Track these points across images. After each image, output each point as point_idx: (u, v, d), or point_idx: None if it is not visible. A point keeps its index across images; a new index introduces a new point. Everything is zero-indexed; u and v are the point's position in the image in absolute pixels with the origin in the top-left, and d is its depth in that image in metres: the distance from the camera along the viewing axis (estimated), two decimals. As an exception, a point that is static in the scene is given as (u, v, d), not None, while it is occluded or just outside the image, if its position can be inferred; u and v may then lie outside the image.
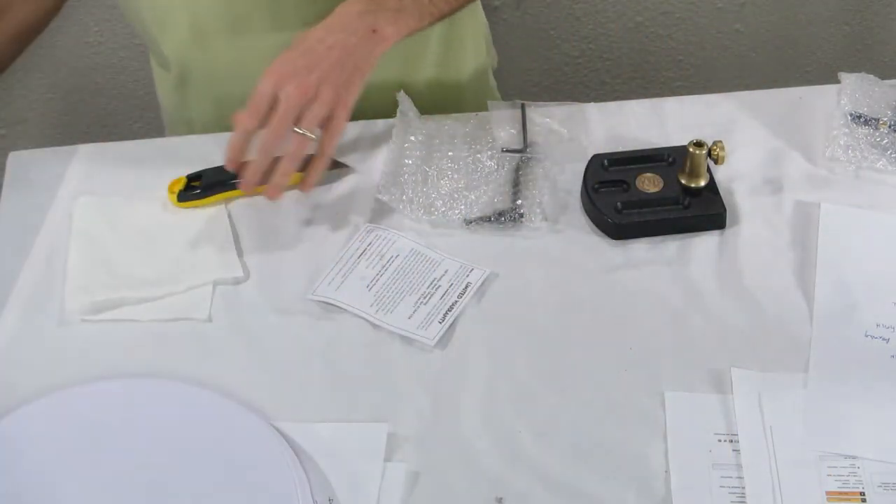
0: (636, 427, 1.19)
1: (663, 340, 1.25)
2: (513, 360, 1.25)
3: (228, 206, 1.39)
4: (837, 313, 1.26)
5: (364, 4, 1.35)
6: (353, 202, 1.39)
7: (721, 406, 1.19)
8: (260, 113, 1.29)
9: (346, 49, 1.32)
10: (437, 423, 1.20)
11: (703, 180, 1.36)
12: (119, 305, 1.30)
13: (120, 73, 2.50)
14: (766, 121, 1.46)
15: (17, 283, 1.32)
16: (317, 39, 1.33)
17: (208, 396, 1.20)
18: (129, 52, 2.48)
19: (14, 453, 1.16)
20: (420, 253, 1.33)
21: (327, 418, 1.20)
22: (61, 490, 1.14)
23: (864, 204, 1.36)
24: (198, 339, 1.27)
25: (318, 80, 1.30)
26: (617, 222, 1.34)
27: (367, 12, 1.35)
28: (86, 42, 2.47)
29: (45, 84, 2.51)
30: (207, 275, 1.32)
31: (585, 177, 1.38)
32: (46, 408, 1.19)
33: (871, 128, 1.41)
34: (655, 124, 1.46)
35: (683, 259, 1.33)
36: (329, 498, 1.14)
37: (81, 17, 2.45)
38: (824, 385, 1.20)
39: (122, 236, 1.35)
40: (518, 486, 1.15)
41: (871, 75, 1.47)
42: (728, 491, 1.14)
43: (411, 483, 1.15)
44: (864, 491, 1.13)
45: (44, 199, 1.40)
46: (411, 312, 1.28)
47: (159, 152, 1.47)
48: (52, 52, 2.48)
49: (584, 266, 1.32)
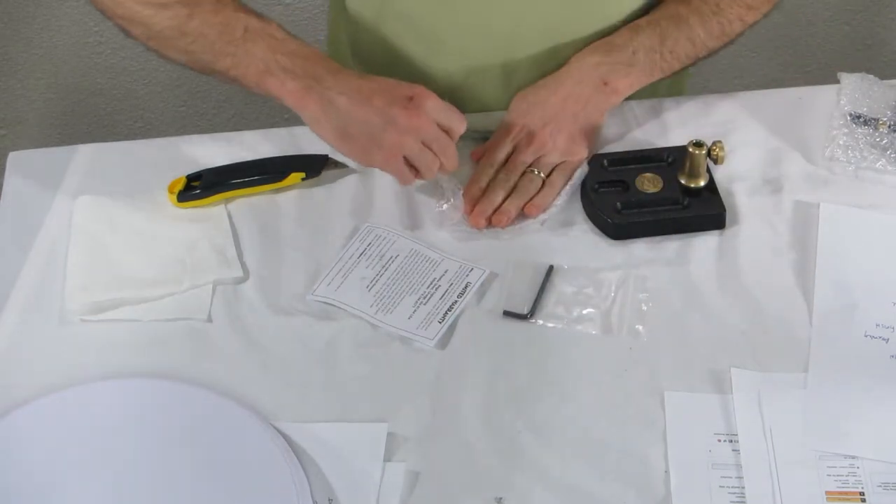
0: (636, 427, 1.19)
1: (663, 340, 1.25)
2: (513, 360, 1.25)
3: (228, 206, 1.39)
4: (837, 313, 1.26)
5: (600, 56, 1.39)
6: (354, 202, 1.39)
7: (721, 406, 1.19)
8: (497, 164, 1.37)
9: (579, 101, 1.37)
10: (437, 423, 1.20)
11: (702, 180, 1.36)
12: (119, 305, 1.30)
13: (120, 74, 2.50)
14: (766, 121, 1.46)
15: (17, 283, 1.32)
16: (550, 91, 1.39)
17: (208, 396, 1.20)
18: (129, 52, 2.48)
19: (14, 453, 1.16)
20: (420, 253, 1.33)
21: (327, 418, 1.20)
22: (61, 490, 1.14)
23: (864, 204, 1.36)
24: (198, 339, 1.27)
25: (552, 131, 1.37)
26: (617, 222, 1.34)
27: (602, 64, 1.39)
28: (86, 42, 2.48)
29: (45, 84, 2.51)
30: (207, 275, 1.32)
31: (585, 177, 1.38)
32: (46, 408, 1.19)
33: (871, 128, 1.41)
34: (655, 124, 1.46)
35: (683, 259, 1.33)
36: (329, 498, 1.14)
37: (81, 17, 2.46)
38: (824, 385, 1.20)
39: (122, 236, 1.35)
40: (518, 486, 1.15)
41: (871, 75, 1.47)
42: (728, 491, 1.14)
43: (411, 483, 1.15)
44: (863, 491, 1.13)
45: (44, 199, 1.40)
46: (411, 312, 1.28)
47: (159, 152, 1.46)
48: (52, 52, 2.48)
49: (585, 266, 1.32)
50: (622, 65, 1.39)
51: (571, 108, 1.38)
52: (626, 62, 1.39)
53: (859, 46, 2.51)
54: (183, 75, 2.50)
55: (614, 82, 1.39)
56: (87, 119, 2.53)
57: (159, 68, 2.50)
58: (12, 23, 2.47)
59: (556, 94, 1.38)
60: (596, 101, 1.39)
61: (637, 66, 1.39)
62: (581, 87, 1.38)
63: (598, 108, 1.39)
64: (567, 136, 1.37)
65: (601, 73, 1.38)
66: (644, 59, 1.39)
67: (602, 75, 1.38)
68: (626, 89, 1.40)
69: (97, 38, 2.47)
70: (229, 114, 2.52)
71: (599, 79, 1.38)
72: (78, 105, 2.52)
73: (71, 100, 2.51)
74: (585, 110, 1.38)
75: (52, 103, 2.51)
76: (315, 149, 1.43)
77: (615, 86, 1.39)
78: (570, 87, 1.38)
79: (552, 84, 1.39)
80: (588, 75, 1.39)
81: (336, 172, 1.40)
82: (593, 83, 1.38)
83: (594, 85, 1.38)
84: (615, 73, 1.39)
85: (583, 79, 1.39)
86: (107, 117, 2.53)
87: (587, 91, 1.38)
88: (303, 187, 1.40)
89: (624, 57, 1.39)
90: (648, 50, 1.39)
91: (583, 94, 1.38)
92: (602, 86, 1.38)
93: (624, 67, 1.39)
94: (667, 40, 1.40)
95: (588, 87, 1.38)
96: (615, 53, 1.39)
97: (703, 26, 1.41)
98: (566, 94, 1.38)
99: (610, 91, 1.39)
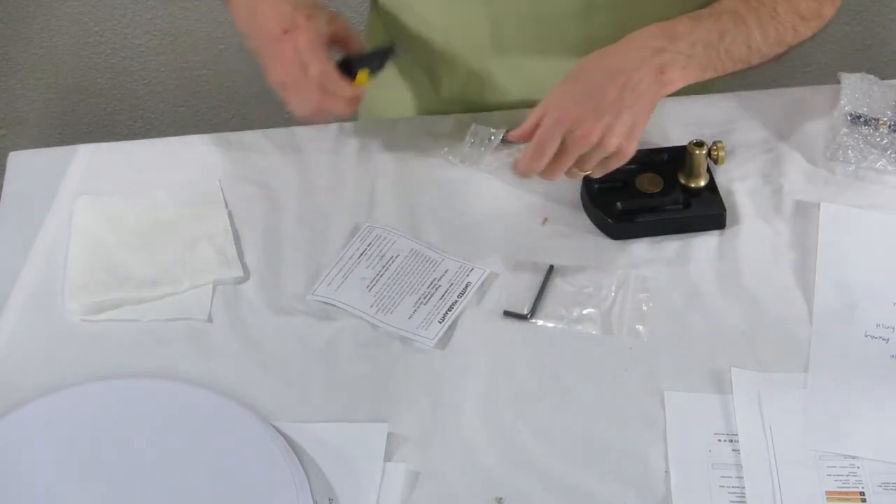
0: (636, 427, 1.19)
1: (663, 340, 1.25)
2: (513, 360, 1.25)
3: (228, 206, 1.39)
4: (837, 313, 1.26)
5: (660, 40, 1.29)
6: (354, 202, 1.39)
7: (721, 406, 1.20)
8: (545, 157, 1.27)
9: (636, 91, 1.27)
10: (437, 423, 1.20)
11: (703, 180, 1.36)
12: (119, 305, 1.30)
13: (120, 74, 2.50)
14: (766, 121, 1.46)
15: (17, 283, 1.32)
16: (606, 72, 1.28)
17: (208, 396, 1.20)
18: (129, 52, 2.48)
19: (14, 453, 1.16)
20: (420, 253, 1.33)
21: (327, 418, 1.20)
22: (61, 490, 1.13)
23: (864, 204, 1.36)
24: (198, 339, 1.27)
25: (604, 128, 1.26)
26: (617, 222, 1.34)
27: (661, 50, 1.28)
28: (86, 42, 2.48)
29: (45, 84, 2.51)
30: (207, 275, 1.32)
31: (585, 177, 1.38)
32: (46, 408, 1.19)
33: (871, 128, 1.41)
34: (655, 124, 1.45)
35: (683, 259, 1.33)
36: (329, 498, 1.14)
37: (81, 17, 2.46)
38: (824, 385, 1.20)
39: (122, 236, 1.35)
40: (518, 486, 1.15)
41: (871, 75, 1.47)
42: (728, 491, 1.14)
43: (411, 483, 1.15)
44: (863, 491, 1.13)
45: (44, 199, 1.40)
46: (411, 312, 1.28)
47: (159, 152, 1.46)
48: (52, 52, 2.48)
49: (585, 266, 1.32)
50: (682, 55, 1.29)
51: (629, 100, 1.27)
52: (687, 53, 1.30)
53: (859, 46, 2.51)
54: (183, 75, 2.50)
55: (671, 73, 1.29)
56: (87, 119, 2.53)
57: (159, 68, 2.50)
58: (12, 23, 2.47)
59: (614, 83, 1.27)
60: (652, 92, 1.29)
61: (695, 60, 1.30)
62: (640, 73, 1.28)
63: (653, 98, 1.29)
64: (618, 137, 1.27)
65: (663, 60, 1.28)
66: (702, 53, 1.30)
67: (662, 63, 1.29)
68: (680, 82, 1.30)
69: (97, 38, 2.47)
70: (229, 114, 2.52)
71: (659, 66, 1.28)
72: (78, 105, 2.52)
73: (71, 100, 2.51)
74: (642, 101, 1.27)
75: (52, 103, 2.52)
76: (315, 148, 1.44)
77: (671, 76, 1.29)
78: (629, 74, 1.27)
79: (608, 68, 1.28)
80: (648, 61, 1.28)
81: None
82: (652, 70, 1.28)
83: (653, 73, 1.28)
84: (675, 63, 1.29)
85: (642, 65, 1.28)
86: (107, 117, 2.53)
87: (646, 79, 1.28)
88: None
89: (685, 47, 1.30)
90: (707, 45, 1.31)
91: (640, 83, 1.28)
92: (659, 74, 1.28)
93: (684, 58, 1.29)
94: (725, 37, 1.32)
95: (647, 74, 1.28)
96: (678, 42, 1.29)
97: (760, 29, 1.34)
98: (624, 82, 1.27)
99: (666, 81, 1.29)
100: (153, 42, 2.48)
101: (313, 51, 1.30)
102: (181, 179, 1.42)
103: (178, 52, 2.49)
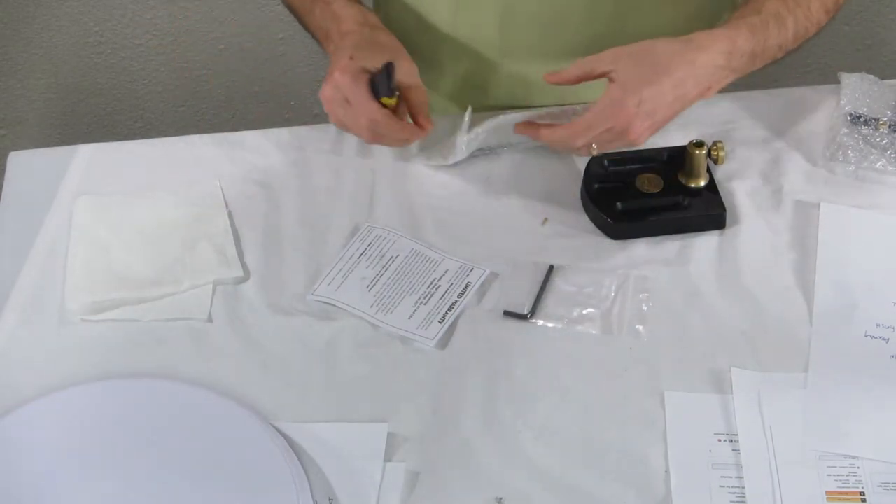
0: (636, 427, 1.19)
1: (663, 340, 1.25)
2: (513, 360, 1.25)
3: (228, 206, 1.39)
4: (837, 313, 1.26)
5: (724, 59, 1.31)
6: (354, 202, 1.39)
7: (721, 406, 1.20)
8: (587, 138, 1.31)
9: (683, 100, 1.30)
10: (437, 423, 1.20)
11: (703, 180, 1.36)
12: (119, 305, 1.30)
13: (120, 74, 2.50)
14: (766, 121, 1.46)
15: (17, 283, 1.32)
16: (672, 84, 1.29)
17: (208, 396, 1.20)
18: (129, 52, 2.48)
19: (14, 453, 1.16)
20: (420, 253, 1.33)
21: (327, 418, 1.20)
22: (61, 490, 1.13)
23: (864, 204, 1.37)
24: (198, 339, 1.27)
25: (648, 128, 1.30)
26: (617, 222, 1.34)
27: (721, 68, 1.31)
28: (86, 42, 2.48)
29: (45, 84, 2.51)
30: (207, 275, 1.32)
31: (585, 177, 1.38)
32: (46, 408, 1.19)
33: (871, 128, 1.41)
34: (655, 124, 1.46)
35: (683, 259, 1.33)
36: (329, 498, 1.14)
37: (81, 17, 2.45)
38: (824, 385, 1.20)
39: (122, 236, 1.35)
40: (518, 486, 1.15)
41: (871, 75, 1.47)
42: (728, 491, 1.14)
43: (411, 483, 1.15)
44: (863, 491, 1.13)
45: (44, 199, 1.40)
46: (411, 312, 1.28)
47: (159, 152, 1.46)
48: (52, 52, 2.48)
49: (585, 266, 1.32)
50: (731, 71, 1.32)
51: (675, 106, 1.31)
52: (736, 69, 1.32)
53: (859, 46, 2.51)
54: (183, 75, 2.50)
55: (715, 87, 1.32)
56: (87, 119, 2.53)
57: (159, 68, 2.50)
58: (12, 23, 2.47)
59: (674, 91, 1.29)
60: (691, 102, 1.32)
61: (737, 72, 1.33)
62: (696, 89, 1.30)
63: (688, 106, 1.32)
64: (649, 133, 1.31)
65: (716, 79, 1.31)
66: (746, 65, 1.33)
67: (713, 81, 1.31)
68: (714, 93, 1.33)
69: (97, 38, 2.47)
70: (229, 114, 2.52)
71: (709, 83, 1.31)
72: (78, 105, 2.52)
73: (71, 100, 2.51)
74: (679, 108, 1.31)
75: (52, 103, 2.51)
76: (314, 148, 1.44)
77: (714, 90, 1.32)
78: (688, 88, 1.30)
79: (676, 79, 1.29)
80: (705, 79, 1.31)
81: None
82: (702, 87, 1.31)
83: (702, 88, 1.31)
84: (723, 80, 1.32)
85: (700, 81, 1.30)
86: (107, 117, 2.53)
87: (693, 92, 1.31)
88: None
89: (738, 63, 1.32)
90: (752, 56, 1.33)
91: (688, 95, 1.30)
92: (706, 90, 1.32)
93: (731, 74, 1.32)
94: (767, 44, 1.34)
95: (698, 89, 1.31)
96: (735, 59, 1.31)
97: (794, 29, 1.36)
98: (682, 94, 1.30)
99: (706, 94, 1.32)
100: (153, 42, 2.48)
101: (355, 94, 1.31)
102: (181, 179, 1.42)
103: (178, 52, 2.49)
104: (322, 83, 1.34)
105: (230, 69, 2.49)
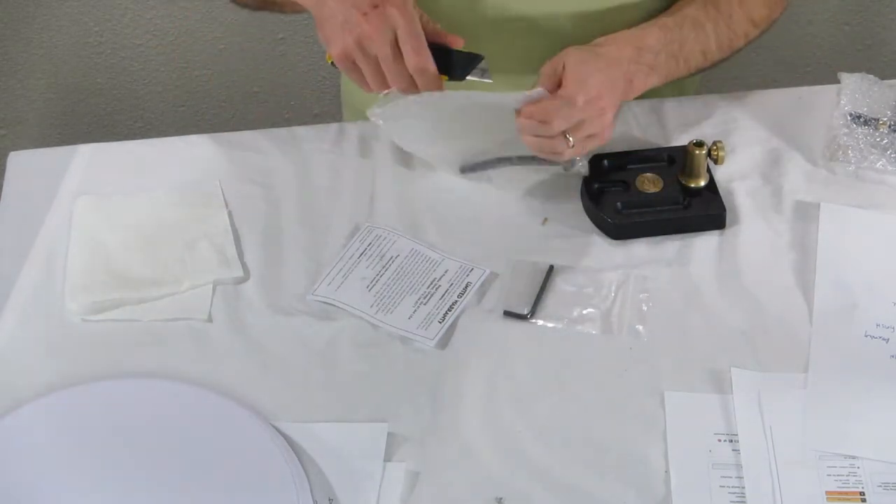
0: (636, 427, 1.19)
1: (663, 340, 1.25)
2: (513, 359, 1.25)
3: (228, 206, 1.39)
4: (837, 313, 1.26)
5: (632, 52, 1.35)
6: (354, 202, 1.39)
7: (721, 406, 1.20)
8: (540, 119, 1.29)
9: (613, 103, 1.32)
10: (437, 423, 1.20)
11: (703, 180, 1.36)
12: (119, 305, 1.30)
13: (120, 74, 2.50)
14: (766, 121, 1.46)
15: (17, 283, 1.32)
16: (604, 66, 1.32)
17: (208, 396, 1.20)
18: (129, 52, 2.48)
19: (14, 453, 1.16)
20: (420, 253, 1.33)
21: (327, 418, 1.20)
22: (61, 490, 1.13)
23: (864, 204, 1.37)
24: (198, 339, 1.27)
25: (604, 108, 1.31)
26: (617, 222, 1.34)
27: (632, 61, 1.35)
28: (86, 42, 2.47)
29: (45, 84, 2.51)
30: (207, 275, 1.32)
31: (585, 177, 1.38)
32: (46, 408, 1.19)
33: (871, 128, 1.41)
34: (655, 124, 1.46)
35: (683, 259, 1.33)
36: (329, 498, 1.14)
37: (81, 17, 2.45)
38: (824, 385, 1.20)
39: (122, 236, 1.35)
40: (518, 486, 1.15)
41: (871, 75, 1.47)
42: (728, 491, 1.14)
43: (411, 483, 1.15)
44: (863, 491, 1.13)
45: (44, 199, 1.40)
46: (411, 312, 1.28)
47: (159, 152, 1.47)
48: (52, 52, 2.48)
49: (585, 266, 1.32)
50: (647, 66, 1.36)
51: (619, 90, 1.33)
52: (650, 64, 1.36)
53: (859, 46, 2.50)
54: (183, 75, 2.50)
55: (637, 83, 1.35)
56: (87, 119, 2.53)
57: (159, 68, 2.50)
58: (12, 23, 2.47)
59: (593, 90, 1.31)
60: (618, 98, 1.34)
61: (657, 71, 1.37)
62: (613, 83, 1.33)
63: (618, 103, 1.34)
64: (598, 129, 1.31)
65: (631, 71, 1.34)
66: (664, 63, 1.37)
67: (631, 73, 1.34)
68: (641, 90, 1.37)
69: (97, 38, 2.47)
70: (229, 114, 2.52)
71: (628, 76, 1.34)
72: (78, 105, 2.52)
73: (71, 100, 2.51)
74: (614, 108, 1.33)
75: (52, 103, 2.51)
76: (315, 148, 1.44)
77: (636, 86, 1.35)
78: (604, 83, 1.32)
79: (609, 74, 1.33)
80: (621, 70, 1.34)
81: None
82: (623, 80, 1.34)
83: (624, 81, 1.34)
84: (640, 73, 1.35)
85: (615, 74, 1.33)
86: (107, 117, 2.53)
87: (619, 85, 1.33)
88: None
89: (651, 59, 1.36)
90: (669, 56, 1.37)
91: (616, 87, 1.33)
92: (628, 83, 1.34)
93: (647, 69, 1.36)
94: (685, 47, 1.38)
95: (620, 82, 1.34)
96: (645, 54, 1.36)
97: (715, 37, 1.40)
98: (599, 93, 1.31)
99: (630, 90, 1.35)
100: (153, 42, 2.48)
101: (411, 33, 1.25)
102: (181, 179, 1.42)
103: (178, 52, 2.49)
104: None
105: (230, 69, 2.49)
